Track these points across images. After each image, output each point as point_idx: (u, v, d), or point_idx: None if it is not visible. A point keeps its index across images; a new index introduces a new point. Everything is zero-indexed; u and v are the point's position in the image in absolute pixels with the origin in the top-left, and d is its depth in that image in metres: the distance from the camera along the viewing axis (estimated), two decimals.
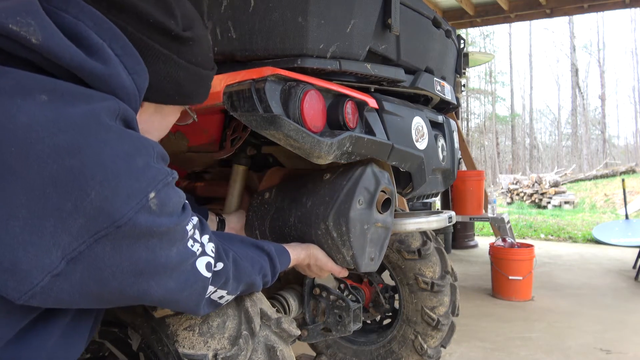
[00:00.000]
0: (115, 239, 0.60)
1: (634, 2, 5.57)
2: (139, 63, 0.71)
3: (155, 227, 0.64)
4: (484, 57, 6.77)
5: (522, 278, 3.75)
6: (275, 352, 1.02)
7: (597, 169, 16.13)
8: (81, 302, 0.64)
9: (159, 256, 0.66)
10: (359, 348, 2.17)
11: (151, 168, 0.65)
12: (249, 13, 1.07)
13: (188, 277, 0.73)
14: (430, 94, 1.49)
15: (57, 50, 0.61)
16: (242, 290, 0.94)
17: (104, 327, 1.06)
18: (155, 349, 0.98)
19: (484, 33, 25.31)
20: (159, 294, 0.69)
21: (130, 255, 0.62)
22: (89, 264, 0.59)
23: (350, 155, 1.12)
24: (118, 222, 0.59)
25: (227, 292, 0.87)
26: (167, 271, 0.69)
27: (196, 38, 0.79)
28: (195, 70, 0.80)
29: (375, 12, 1.16)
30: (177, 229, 0.69)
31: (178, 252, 0.70)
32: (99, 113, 0.61)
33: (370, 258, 1.19)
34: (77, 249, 0.58)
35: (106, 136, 0.61)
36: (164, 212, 0.65)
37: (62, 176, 0.56)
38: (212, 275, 0.79)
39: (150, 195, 0.62)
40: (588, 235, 6.99)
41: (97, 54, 0.65)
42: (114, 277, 0.62)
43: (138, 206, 0.61)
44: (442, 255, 2.10)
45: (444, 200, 5.37)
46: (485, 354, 2.72)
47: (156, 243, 0.65)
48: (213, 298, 0.85)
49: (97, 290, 0.62)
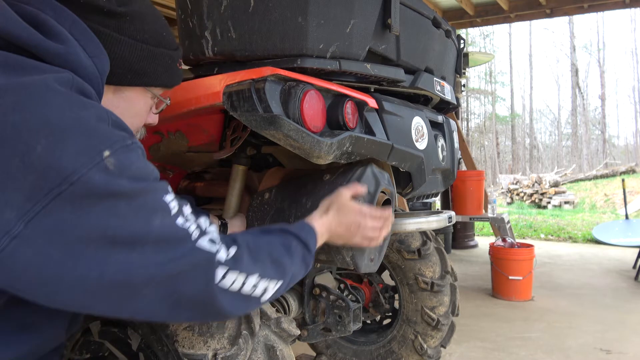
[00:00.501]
0: (73, 199, 0.57)
1: (634, 2, 5.57)
2: (98, 47, 0.72)
3: (114, 187, 0.60)
4: (484, 57, 6.76)
5: (522, 278, 3.75)
6: (275, 351, 1.02)
7: (597, 169, 16.13)
8: (55, 287, 0.59)
9: (131, 224, 0.61)
10: (359, 348, 2.17)
11: (104, 129, 0.63)
12: (249, 13, 1.07)
13: (184, 252, 0.66)
14: (430, 94, 1.49)
15: (15, 31, 0.63)
16: (275, 275, 0.81)
17: (103, 327, 1.07)
18: (155, 349, 0.98)
19: (484, 33, 25.33)
20: (148, 271, 0.62)
21: (94, 219, 0.58)
22: (50, 228, 0.56)
23: (350, 155, 1.12)
24: (69, 178, 0.57)
25: (253, 274, 0.76)
26: (149, 243, 0.63)
27: (134, 13, 0.79)
28: (141, 46, 0.80)
29: (375, 12, 1.16)
30: (148, 196, 0.65)
31: (163, 226, 0.65)
32: (49, 79, 0.62)
33: (370, 259, 1.19)
34: (33, 209, 0.56)
35: (54, 97, 0.61)
36: (125, 175, 0.62)
37: (6, 132, 0.56)
38: (218, 250, 0.71)
39: (104, 153, 0.60)
40: (588, 235, 6.99)
41: (55, 37, 0.67)
42: (81, 243, 0.58)
43: (90, 163, 0.58)
44: (442, 255, 2.10)
45: (444, 200, 5.37)
46: (485, 354, 2.72)
47: (123, 207, 0.61)
48: (237, 288, 0.74)
49: (69, 265, 0.58)
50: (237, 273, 0.73)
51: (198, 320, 0.78)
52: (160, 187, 0.68)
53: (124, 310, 0.66)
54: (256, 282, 0.77)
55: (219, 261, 0.71)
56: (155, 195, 0.66)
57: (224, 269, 0.71)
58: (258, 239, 0.84)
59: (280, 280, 0.83)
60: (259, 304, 0.80)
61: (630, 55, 29.95)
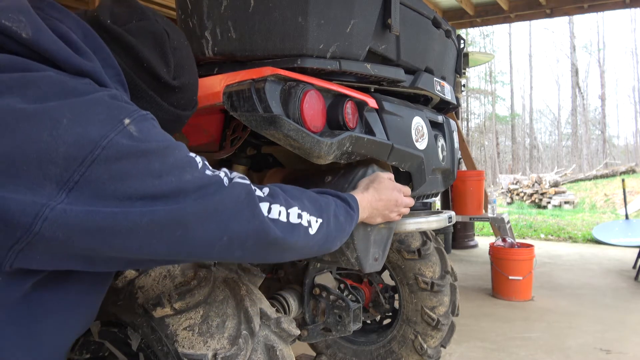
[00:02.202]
0: (108, 162, 0.59)
1: (634, 2, 5.57)
2: (119, 74, 0.75)
3: (143, 146, 0.63)
4: (484, 57, 6.76)
5: (522, 278, 3.75)
6: (275, 351, 1.02)
7: (597, 169, 16.13)
8: (110, 234, 0.61)
9: (168, 181, 0.64)
10: (358, 348, 2.17)
11: (119, 104, 0.66)
12: (249, 13, 1.07)
13: (223, 191, 0.70)
14: (430, 94, 1.49)
15: (45, 44, 0.65)
16: (314, 212, 0.85)
17: (104, 327, 1.07)
18: (155, 349, 0.98)
19: (484, 33, 25.34)
20: (195, 213, 0.66)
21: (132, 180, 0.61)
22: (92, 194, 0.59)
23: (350, 155, 1.12)
24: (100, 142, 0.59)
25: (293, 207, 0.80)
26: (190, 194, 0.66)
27: (183, 86, 0.85)
28: (175, 112, 0.86)
29: (375, 12, 1.16)
30: (176, 153, 0.68)
31: (196, 178, 0.68)
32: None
33: (374, 258, 1.20)
34: (72, 179, 0.58)
35: (71, 80, 0.65)
36: (149, 137, 0.65)
37: (29, 111, 0.58)
38: (254, 188, 0.75)
39: (125, 121, 0.63)
40: (588, 235, 6.99)
41: (83, 55, 0.69)
42: (124, 201, 0.60)
43: (115, 130, 0.61)
44: (442, 255, 2.10)
45: (444, 200, 5.37)
46: (485, 354, 2.72)
47: (157, 166, 0.64)
48: (285, 219, 0.78)
49: (119, 217, 0.60)
50: (278, 206, 0.78)
51: (249, 259, 0.79)
52: (183, 146, 0.71)
53: (181, 251, 0.68)
54: (299, 212, 0.81)
55: (259, 196, 0.76)
56: (182, 151, 0.70)
57: (267, 202, 0.77)
58: (289, 187, 0.88)
59: (320, 218, 0.86)
60: (308, 235, 0.82)
61: (630, 55, 29.99)
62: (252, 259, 0.80)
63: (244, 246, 0.73)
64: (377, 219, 1.12)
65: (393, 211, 1.14)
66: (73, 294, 0.72)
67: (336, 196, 0.97)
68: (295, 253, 0.83)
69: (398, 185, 1.16)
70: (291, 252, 0.82)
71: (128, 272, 1.03)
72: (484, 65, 24.24)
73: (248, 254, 0.76)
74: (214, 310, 1.00)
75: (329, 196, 0.95)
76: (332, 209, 0.91)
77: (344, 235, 0.95)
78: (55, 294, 0.69)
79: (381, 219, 1.13)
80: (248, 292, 1.09)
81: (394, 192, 1.13)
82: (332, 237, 0.90)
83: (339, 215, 0.92)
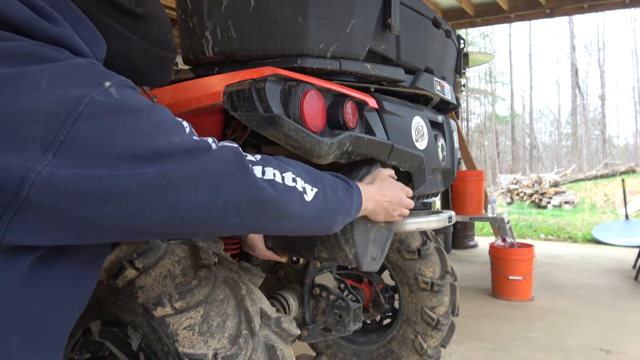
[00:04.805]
0: (93, 118, 0.58)
1: (634, 2, 5.57)
2: (94, 33, 0.73)
3: (127, 102, 0.62)
4: (484, 57, 6.76)
5: (522, 278, 3.75)
6: (275, 351, 1.03)
7: (597, 169, 16.14)
8: (101, 200, 0.59)
9: (155, 140, 0.63)
10: (358, 348, 2.18)
11: (100, 68, 0.65)
12: (249, 13, 1.07)
13: (211, 154, 0.69)
14: (430, 94, 1.49)
15: (11, 12, 0.63)
16: (309, 180, 0.84)
17: (104, 326, 1.07)
18: (155, 349, 0.98)
19: (484, 33, 25.33)
20: (185, 175, 0.64)
21: (119, 136, 0.60)
22: (79, 152, 0.58)
23: (350, 155, 1.12)
24: (82, 99, 0.58)
25: (287, 172, 0.79)
26: (178, 156, 0.65)
27: (149, 15, 0.81)
28: (148, 48, 0.82)
29: (375, 12, 1.16)
30: (162, 113, 0.67)
31: (183, 141, 0.67)
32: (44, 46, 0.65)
33: (372, 257, 1.20)
34: (57, 138, 0.56)
35: (50, 49, 0.63)
36: (132, 99, 0.64)
37: (5, 75, 0.57)
38: (243, 152, 0.74)
39: (105, 83, 0.62)
40: (588, 235, 6.99)
41: (52, 20, 0.67)
42: (113, 160, 0.59)
43: (97, 91, 0.60)
44: (442, 255, 2.10)
45: (444, 200, 5.37)
46: (485, 354, 2.72)
47: (144, 123, 0.63)
48: (280, 180, 0.77)
49: (108, 180, 0.59)
50: (272, 169, 0.77)
51: (246, 226, 0.75)
52: (168, 109, 0.70)
53: (175, 219, 0.66)
54: (294, 177, 0.79)
55: (252, 160, 0.75)
56: (168, 113, 0.68)
57: (260, 165, 0.75)
58: (282, 157, 0.86)
59: (315, 188, 0.84)
60: (304, 202, 0.80)
61: (630, 55, 29.97)
62: (249, 226, 0.76)
63: (239, 210, 0.71)
64: (380, 216, 1.12)
65: (396, 209, 1.14)
66: (68, 274, 0.71)
67: (334, 175, 0.96)
68: (292, 222, 0.80)
69: (401, 184, 1.17)
70: (288, 220, 0.79)
71: (128, 272, 1.03)
72: (484, 65, 24.25)
73: (246, 221, 0.73)
74: (214, 309, 1.00)
75: (326, 173, 0.93)
76: (329, 182, 0.90)
77: (344, 213, 0.93)
78: (50, 274, 0.68)
79: (383, 216, 1.13)
80: (248, 291, 1.09)
81: (399, 190, 1.14)
82: (331, 211, 0.87)
83: (337, 189, 0.90)
